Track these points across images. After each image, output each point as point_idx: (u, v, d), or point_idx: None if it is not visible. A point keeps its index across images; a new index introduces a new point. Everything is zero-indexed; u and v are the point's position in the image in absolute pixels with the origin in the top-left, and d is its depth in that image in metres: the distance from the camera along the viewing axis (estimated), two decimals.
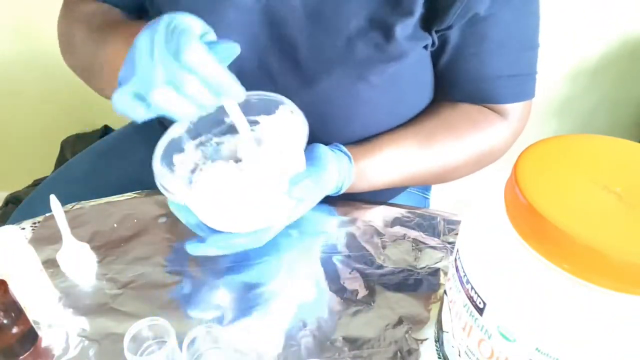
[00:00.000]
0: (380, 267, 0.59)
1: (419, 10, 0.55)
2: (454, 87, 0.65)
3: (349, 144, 0.62)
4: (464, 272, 0.40)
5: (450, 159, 0.65)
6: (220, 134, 0.58)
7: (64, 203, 0.61)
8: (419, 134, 0.64)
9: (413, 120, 0.66)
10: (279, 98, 0.53)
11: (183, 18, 0.44)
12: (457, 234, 0.56)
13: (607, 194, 0.35)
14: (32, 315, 0.52)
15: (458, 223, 0.64)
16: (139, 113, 0.44)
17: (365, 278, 0.57)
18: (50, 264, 0.59)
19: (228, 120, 0.57)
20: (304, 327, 0.53)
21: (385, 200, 0.70)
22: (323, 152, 0.57)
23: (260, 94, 0.54)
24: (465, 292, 0.40)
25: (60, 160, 1.40)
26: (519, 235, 0.35)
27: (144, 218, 0.65)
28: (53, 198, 0.56)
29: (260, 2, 0.57)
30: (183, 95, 0.42)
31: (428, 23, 0.57)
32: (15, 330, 0.49)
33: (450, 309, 0.43)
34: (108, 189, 0.69)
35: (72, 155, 1.36)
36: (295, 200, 0.53)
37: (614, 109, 1.46)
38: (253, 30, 0.58)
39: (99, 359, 0.50)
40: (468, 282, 0.39)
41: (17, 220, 0.66)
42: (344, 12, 0.56)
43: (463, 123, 0.65)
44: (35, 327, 0.52)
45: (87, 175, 0.78)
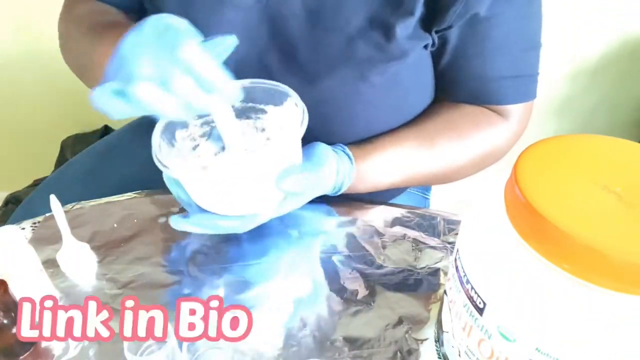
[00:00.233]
0: (380, 267, 0.59)
1: (420, 10, 0.55)
2: (456, 87, 0.65)
3: (351, 145, 0.62)
4: (464, 272, 0.40)
5: (452, 160, 0.65)
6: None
7: (64, 203, 0.61)
8: (421, 135, 0.64)
9: (414, 121, 0.66)
10: (286, 90, 0.53)
11: (172, 18, 0.44)
12: (457, 234, 0.56)
13: (607, 194, 0.35)
14: None
15: (458, 223, 0.64)
16: (119, 109, 0.42)
17: (365, 278, 0.57)
18: (50, 264, 0.59)
19: (239, 105, 0.56)
20: (304, 327, 0.53)
21: (385, 200, 0.70)
22: (322, 150, 0.57)
23: (269, 83, 0.54)
24: (465, 292, 0.40)
25: (60, 160, 1.40)
26: (519, 235, 0.35)
27: (144, 218, 0.65)
28: (53, 198, 0.56)
29: (261, 1, 0.57)
30: (169, 92, 0.41)
31: (428, 23, 0.57)
32: (15, 330, 0.49)
33: (450, 309, 0.43)
34: (108, 189, 0.69)
35: (72, 155, 1.36)
36: (284, 193, 0.52)
37: (614, 109, 1.46)
38: (253, 30, 0.58)
39: (99, 359, 0.50)
40: (468, 282, 0.39)
41: (17, 220, 0.66)
42: (345, 11, 0.56)
43: (465, 124, 0.64)
44: None
45: (87, 175, 0.78)
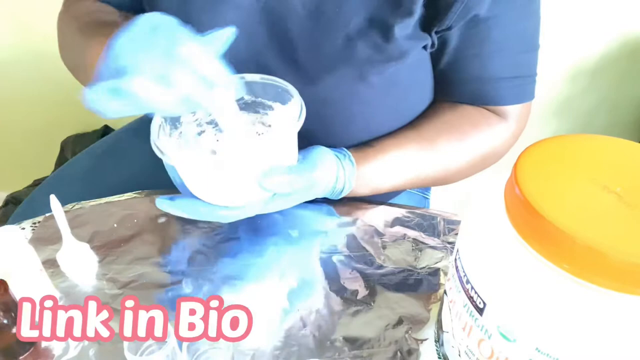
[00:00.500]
0: (380, 267, 0.59)
1: (419, 11, 0.55)
2: (455, 88, 0.65)
3: (351, 148, 0.62)
4: (464, 272, 0.40)
5: (453, 162, 0.65)
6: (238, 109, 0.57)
7: (64, 203, 0.60)
8: (421, 138, 0.64)
9: (414, 123, 0.66)
10: (291, 90, 0.53)
11: (163, 17, 0.43)
12: (457, 234, 0.56)
13: (607, 194, 0.35)
14: None
15: (458, 223, 0.64)
16: (113, 107, 0.42)
17: (365, 278, 0.57)
18: (50, 264, 0.59)
19: (247, 98, 0.56)
20: (304, 327, 0.53)
21: (385, 201, 0.70)
22: (319, 153, 0.57)
23: (277, 81, 0.54)
24: (465, 292, 0.40)
25: (60, 160, 1.40)
26: (519, 235, 0.35)
27: (144, 218, 0.65)
28: (53, 198, 0.56)
29: (260, 1, 0.57)
30: (167, 87, 0.41)
31: (428, 24, 0.57)
32: (15, 330, 0.49)
33: (450, 309, 0.43)
34: (108, 189, 0.69)
35: (72, 155, 1.36)
36: (269, 192, 0.52)
37: (614, 109, 1.46)
38: (252, 30, 0.58)
39: (99, 359, 0.50)
40: (468, 282, 0.39)
41: (17, 220, 0.66)
42: (344, 12, 0.56)
43: (464, 125, 0.64)
44: None
45: (87, 175, 0.78)
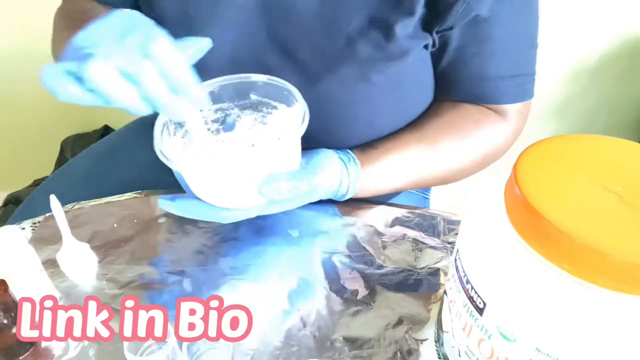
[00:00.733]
0: (380, 267, 0.59)
1: (420, 11, 0.55)
2: (455, 87, 0.65)
3: (355, 150, 0.62)
4: (464, 272, 0.40)
5: (454, 162, 0.65)
6: (243, 108, 0.57)
7: (64, 203, 0.60)
8: (423, 138, 0.64)
9: (416, 123, 0.66)
10: (296, 94, 0.53)
11: (141, 15, 0.43)
12: (457, 234, 0.56)
13: (607, 194, 0.35)
14: None
15: (458, 223, 0.64)
16: (68, 90, 0.41)
17: (365, 278, 0.57)
18: (50, 264, 0.59)
19: (254, 97, 0.56)
20: (304, 327, 0.53)
21: (385, 201, 0.70)
22: (324, 157, 0.57)
23: (282, 83, 0.54)
24: (465, 292, 0.40)
25: (60, 160, 1.41)
26: (519, 235, 0.35)
27: (144, 218, 0.65)
28: (53, 198, 0.56)
29: (260, 2, 0.57)
30: (129, 80, 0.41)
31: (429, 23, 0.57)
32: (15, 330, 0.49)
33: (450, 309, 0.43)
34: (108, 189, 0.69)
35: (72, 155, 1.36)
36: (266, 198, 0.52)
37: (614, 109, 1.46)
38: (252, 29, 0.58)
39: (99, 359, 0.50)
40: (468, 282, 0.39)
41: (17, 220, 0.66)
42: (345, 11, 0.56)
43: (466, 124, 0.65)
44: None
45: (87, 175, 0.78)
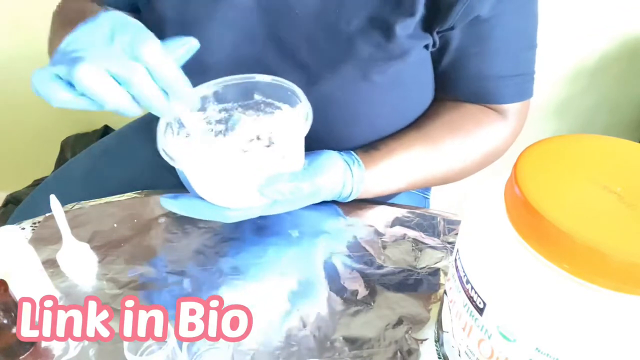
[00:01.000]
0: (381, 267, 0.59)
1: (420, 11, 0.55)
2: (456, 87, 0.65)
3: (359, 151, 0.62)
4: (464, 272, 0.40)
5: (456, 161, 0.65)
6: (247, 108, 0.57)
7: (64, 203, 0.60)
8: (426, 138, 0.64)
9: (418, 123, 0.66)
10: (300, 95, 0.53)
11: (129, 17, 0.43)
12: (457, 234, 0.56)
13: (607, 194, 0.35)
14: None
15: (458, 223, 0.64)
16: (59, 95, 0.41)
17: (366, 278, 0.57)
18: (50, 264, 0.59)
19: (258, 97, 0.56)
20: (304, 327, 0.53)
21: (385, 201, 0.70)
22: (327, 159, 0.57)
23: (287, 84, 0.54)
24: (465, 292, 0.40)
25: (60, 160, 1.41)
26: (519, 235, 0.35)
27: (144, 218, 0.65)
28: (53, 198, 0.56)
29: (261, 3, 0.57)
30: (118, 82, 0.40)
31: (430, 24, 0.57)
32: (15, 330, 0.49)
33: (450, 309, 0.43)
34: (108, 189, 0.69)
35: (72, 155, 1.36)
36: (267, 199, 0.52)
37: (614, 109, 1.46)
38: (252, 30, 0.58)
39: (99, 359, 0.50)
40: (468, 282, 0.39)
41: (17, 220, 0.66)
42: (345, 12, 0.56)
43: (467, 124, 0.65)
44: None
45: (87, 175, 0.78)
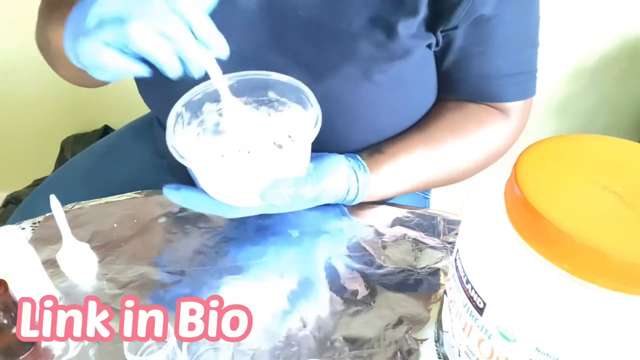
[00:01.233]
0: (381, 267, 0.59)
1: (423, 11, 0.55)
2: (459, 86, 0.65)
3: (364, 154, 0.63)
4: (464, 272, 0.40)
5: (459, 162, 0.65)
6: (261, 104, 0.57)
7: (64, 203, 0.60)
8: (429, 140, 0.64)
9: (420, 124, 0.66)
10: (311, 99, 0.53)
11: None
12: (457, 234, 0.56)
13: (607, 194, 0.35)
14: None
15: (458, 223, 0.64)
16: (115, 62, 0.41)
17: (366, 278, 0.57)
18: (50, 264, 0.59)
19: (272, 95, 0.56)
20: (304, 327, 0.53)
21: (385, 201, 0.70)
22: (332, 163, 0.58)
23: (303, 87, 0.54)
24: (465, 292, 0.40)
25: (60, 160, 1.41)
26: (519, 235, 0.35)
27: (144, 218, 0.65)
28: (53, 198, 0.56)
29: (263, 3, 0.57)
30: (164, 38, 0.41)
31: (433, 24, 0.57)
32: (15, 330, 0.49)
33: (450, 309, 0.43)
34: (108, 189, 0.69)
35: (72, 155, 1.36)
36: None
37: (614, 109, 1.46)
38: (255, 30, 0.58)
39: (99, 359, 0.50)
40: (468, 282, 0.39)
41: (17, 220, 0.66)
42: (347, 12, 0.56)
43: (469, 124, 0.65)
44: None
45: (87, 175, 0.78)
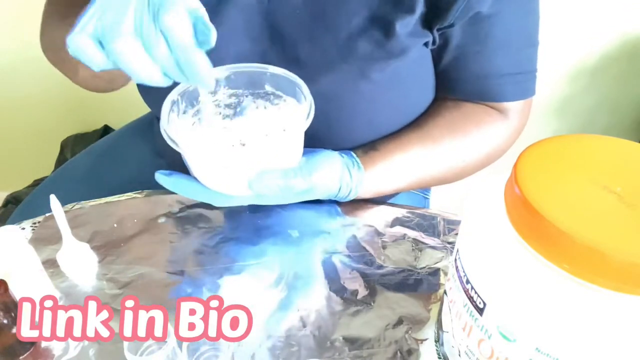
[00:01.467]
0: (381, 267, 0.59)
1: (420, 8, 0.56)
2: (457, 85, 0.65)
3: (358, 151, 0.62)
4: (464, 272, 0.40)
5: (456, 162, 0.65)
6: (257, 97, 0.57)
7: (64, 203, 0.60)
8: (426, 139, 0.64)
9: (418, 123, 0.66)
10: (304, 91, 0.53)
11: None
12: (457, 234, 0.56)
13: (607, 194, 0.35)
14: None
15: (458, 223, 0.64)
16: (96, 60, 0.41)
17: (365, 278, 0.57)
18: (50, 264, 0.59)
19: (268, 88, 0.56)
20: (304, 327, 0.53)
21: (385, 200, 0.70)
22: (324, 158, 0.57)
23: (297, 80, 0.53)
24: (465, 292, 0.40)
25: (60, 160, 1.41)
26: (519, 235, 0.35)
27: (144, 218, 0.65)
28: (53, 198, 0.56)
29: (262, 2, 0.57)
30: (150, 56, 0.40)
31: (429, 21, 0.57)
32: (15, 330, 0.49)
33: (450, 309, 0.43)
34: (108, 189, 0.69)
35: (72, 155, 1.37)
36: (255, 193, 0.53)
37: (614, 109, 1.46)
38: (254, 29, 0.58)
39: (99, 359, 0.50)
40: (468, 282, 0.39)
41: (17, 220, 0.66)
42: (345, 11, 0.56)
43: (467, 124, 0.65)
44: None
45: (87, 175, 0.78)
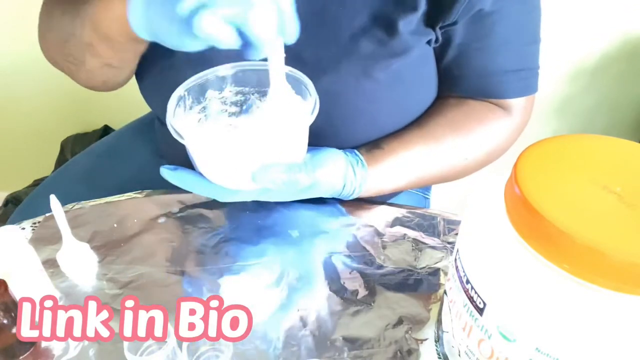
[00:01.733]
0: (381, 267, 0.59)
1: (423, 7, 0.56)
2: (460, 83, 0.65)
3: (362, 150, 0.63)
4: (464, 272, 0.40)
5: (458, 160, 0.65)
6: (263, 95, 0.57)
7: (64, 203, 0.60)
8: (428, 137, 0.64)
9: (420, 121, 0.66)
10: (310, 88, 0.53)
11: None
12: (457, 234, 0.56)
13: (607, 194, 0.35)
14: None
15: (458, 223, 0.64)
16: (228, 39, 0.43)
17: (365, 278, 0.57)
18: (50, 264, 0.59)
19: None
20: (304, 327, 0.53)
21: (385, 200, 0.70)
22: (329, 156, 0.58)
23: (303, 78, 0.54)
24: (465, 292, 0.40)
25: (60, 160, 1.41)
26: (519, 235, 0.35)
27: (144, 218, 0.65)
28: (53, 198, 0.56)
29: None
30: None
31: (432, 19, 0.57)
32: (15, 330, 0.49)
33: (450, 309, 0.43)
34: (108, 189, 0.69)
35: (72, 155, 1.36)
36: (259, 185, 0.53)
37: (614, 109, 1.46)
38: None
39: (99, 359, 0.50)
40: (468, 282, 0.39)
41: (17, 220, 0.66)
42: (348, 10, 0.56)
43: (470, 122, 0.65)
44: None
45: (87, 175, 0.78)
